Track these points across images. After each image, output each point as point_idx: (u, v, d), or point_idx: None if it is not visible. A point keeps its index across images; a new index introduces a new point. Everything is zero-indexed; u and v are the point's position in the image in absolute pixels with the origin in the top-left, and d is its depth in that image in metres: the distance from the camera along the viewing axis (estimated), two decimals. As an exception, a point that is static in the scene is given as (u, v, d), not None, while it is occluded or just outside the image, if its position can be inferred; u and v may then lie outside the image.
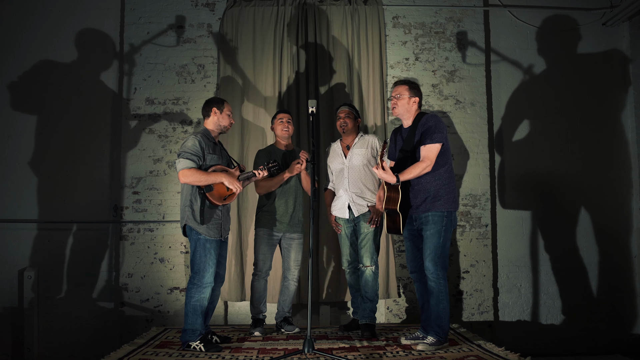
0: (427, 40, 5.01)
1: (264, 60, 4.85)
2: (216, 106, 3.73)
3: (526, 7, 5.12)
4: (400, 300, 4.79)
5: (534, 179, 5.00)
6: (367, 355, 3.36)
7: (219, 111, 3.72)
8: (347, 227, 4.10)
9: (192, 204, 3.54)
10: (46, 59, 4.88)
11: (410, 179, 3.53)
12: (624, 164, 5.07)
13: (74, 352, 4.63)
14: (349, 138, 4.17)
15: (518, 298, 4.90)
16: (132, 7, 4.90)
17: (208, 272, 3.53)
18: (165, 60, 4.89)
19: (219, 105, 3.74)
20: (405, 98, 3.64)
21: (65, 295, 4.69)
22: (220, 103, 3.76)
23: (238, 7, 4.88)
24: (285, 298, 4.15)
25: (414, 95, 3.65)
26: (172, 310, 4.68)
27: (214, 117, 3.72)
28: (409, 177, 3.51)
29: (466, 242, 4.86)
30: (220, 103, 3.76)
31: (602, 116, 5.10)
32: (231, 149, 4.72)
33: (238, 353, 3.46)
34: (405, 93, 3.65)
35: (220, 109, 3.73)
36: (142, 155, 4.81)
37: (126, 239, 4.73)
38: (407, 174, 3.50)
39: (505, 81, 5.07)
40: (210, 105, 3.75)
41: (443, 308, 3.48)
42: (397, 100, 3.66)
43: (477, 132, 4.95)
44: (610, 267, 4.96)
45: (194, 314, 3.52)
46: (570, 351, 4.84)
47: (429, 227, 3.52)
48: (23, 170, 4.77)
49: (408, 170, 3.51)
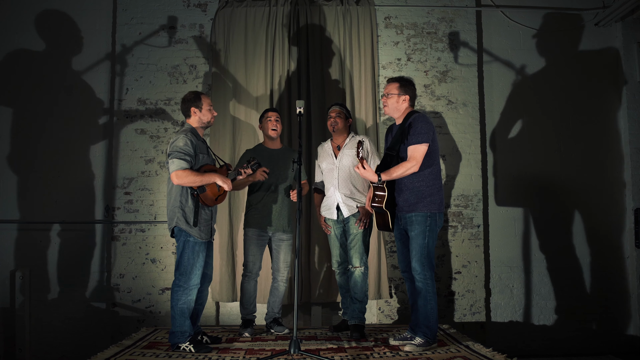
0: (419, 41, 5.00)
1: (256, 60, 4.84)
2: (194, 105, 3.59)
3: (518, 7, 5.12)
4: (391, 301, 4.78)
5: (527, 180, 4.99)
6: (354, 356, 3.35)
7: (198, 109, 3.59)
8: (336, 227, 4.09)
9: (182, 205, 3.45)
10: (37, 58, 4.88)
11: (394, 178, 3.51)
12: (617, 164, 5.05)
13: (66, 353, 4.63)
14: (339, 138, 4.15)
15: (510, 299, 4.89)
16: (124, 8, 4.90)
17: (195, 274, 3.48)
18: (157, 61, 4.89)
19: (196, 104, 3.58)
20: (394, 97, 3.63)
21: (56, 296, 4.70)
22: (197, 100, 3.59)
23: (230, 7, 4.88)
24: (275, 299, 4.14)
25: (403, 93, 3.62)
26: (163, 310, 4.67)
27: (195, 115, 3.60)
28: (392, 177, 3.49)
29: (458, 242, 4.85)
30: (197, 100, 3.59)
31: (595, 116, 5.09)
32: (222, 148, 4.72)
33: (225, 354, 3.45)
34: (394, 91, 3.63)
35: (199, 106, 3.59)
36: (133, 156, 4.81)
37: (118, 240, 4.73)
38: (390, 173, 3.49)
39: (498, 81, 5.06)
40: (188, 104, 3.60)
41: (431, 308, 3.48)
42: (387, 99, 3.65)
43: (469, 133, 4.94)
44: (603, 267, 4.95)
45: (182, 317, 3.46)
46: (563, 352, 4.83)
47: (413, 227, 3.51)
48: (15, 170, 4.77)
49: (392, 170, 3.50)
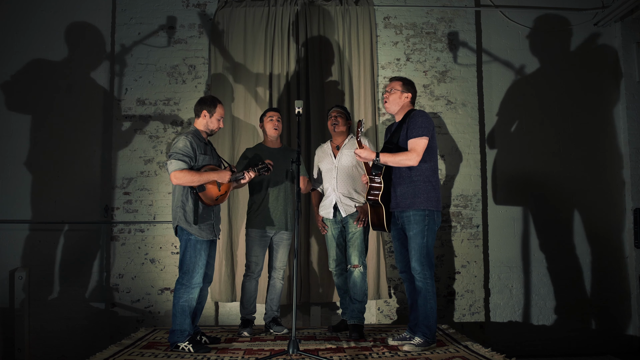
0: (418, 41, 5.00)
1: (255, 60, 4.85)
2: (207, 109, 3.64)
3: (518, 7, 5.12)
4: (390, 301, 4.78)
5: (526, 180, 4.99)
6: (352, 356, 3.34)
7: (209, 114, 3.64)
8: (334, 228, 4.08)
9: (183, 204, 3.50)
10: (37, 58, 4.88)
11: (391, 162, 3.51)
12: (616, 163, 5.05)
13: (65, 353, 4.63)
14: (339, 139, 4.16)
15: (509, 299, 4.89)
16: (123, 8, 4.91)
17: (197, 273, 3.52)
18: (156, 61, 4.89)
19: (210, 109, 3.64)
20: (397, 92, 3.66)
21: (56, 296, 4.70)
22: (212, 106, 3.64)
23: (229, 7, 4.88)
24: (272, 297, 4.14)
25: (406, 91, 3.66)
26: (162, 310, 4.68)
27: (203, 119, 3.65)
28: (390, 160, 3.50)
29: (457, 242, 4.85)
30: (212, 106, 3.64)
31: (593, 116, 5.09)
32: (222, 148, 4.72)
33: (224, 354, 3.45)
34: (398, 87, 3.67)
35: (211, 112, 3.63)
36: (133, 156, 4.81)
37: (117, 240, 4.73)
38: (388, 156, 3.51)
39: (497, 81, 5.06)
40: (202, 106, 3.65)
41: (430, 308, 3.48)
42: (389, 95, 3.68)
43: (468, 133, 4.94)
44: (603, 267, 4.95)
45: (182, 315, 3.50)
46: (562, 352, 4.83)
47: (411, 227, 3.51)
48: (14, 171, 4.78)
49: (391, 154, 3.52)
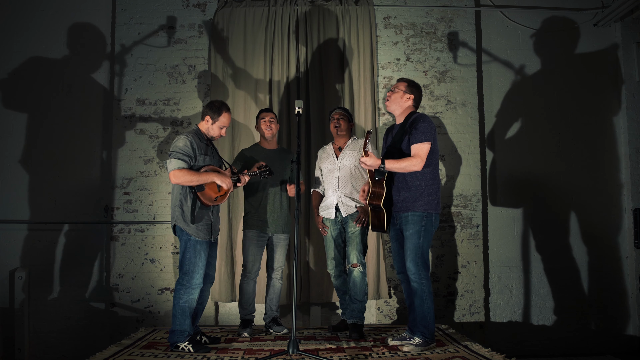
0: (418, 41, 5.00)
1: (255, 60, 4.85)
2: (211, 114, 3.63)
3: (518, 7, 5.12)
4: (390, 301, 4.78)
5: (526, 180, 4.99)
6: (352, 356, 3.35)
7: (212, 121, 3.63)
8: (333, 228, 4.08)
9: (182, 204, 3.50)
10: (37, 58, 4.88)
11: (396, 168, 3.50)
12: (615, 164, 5.06)
13: (65, 353, 4.63)
14: (341, 140, 4.16)
15: (509, 299, 4.89)
16: (123, 8, 4.90)
17: (197, 274, 3.51)
18: (156, 61, 4.89)
19: (213, 115, 3.62)
20: (400, 92, 3.66)
21: (56, 296, 4.70)
22: (217, 113, 3.62)
23: (229, 7, 4.88)
24: (272, 297, 4.14)
25: (409, 92, 3.66)
26: (162, 310, 4.68)
27: (206, 123, 3.66)
28: (395, 167, 3.49)
29: (457, 242, 4.85)
30: (217, 113, 3.62)
31: (593, 116, 5.09)
32: (222, 149, 4.71)
33: (224, 354, 3.45)
34: (402, 87, 3.68)
35: (214, 119, 3.62)
36: (132, 156, 4.81)
37: (117, 240, 4.73)
38: (393, 163, 3.49)
39: (497, 81, 5.06)
40: (207, 110, 3.65)
41: (427, 307, 3.48)
42: (392, 94, 3.68)
43: (468, 133, 4.94)
44: (602, 267, 4.95)
45: (183, 315, 3.49)
46: (562, 352, 4.83)
47: (408, 227, 3.51)
48: (13, 170, 4.78)
49: (396, 160, 3.50)
